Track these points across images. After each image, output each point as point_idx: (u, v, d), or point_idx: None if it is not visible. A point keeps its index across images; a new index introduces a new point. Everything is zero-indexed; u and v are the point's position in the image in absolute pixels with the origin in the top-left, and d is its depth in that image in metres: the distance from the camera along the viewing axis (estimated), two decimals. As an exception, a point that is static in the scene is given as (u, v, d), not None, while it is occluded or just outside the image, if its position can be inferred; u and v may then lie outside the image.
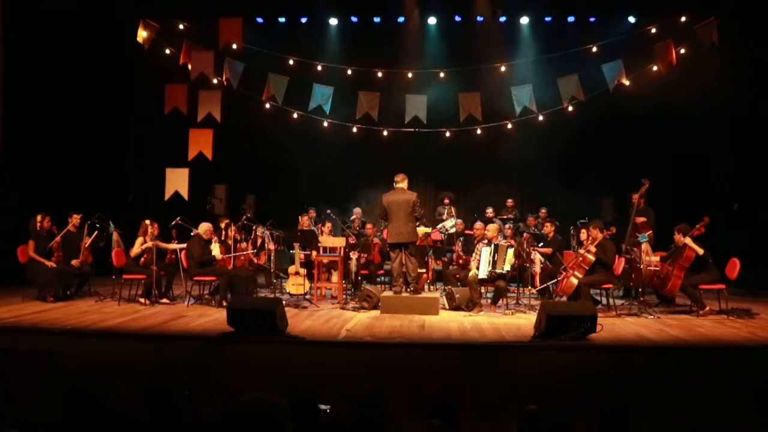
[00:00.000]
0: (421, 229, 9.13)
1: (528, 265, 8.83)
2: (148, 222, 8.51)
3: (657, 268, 8.05)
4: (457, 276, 9.06)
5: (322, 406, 3.04)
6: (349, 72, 11.35)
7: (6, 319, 7.12)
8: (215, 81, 10.93)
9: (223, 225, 9.22)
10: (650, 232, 8.48)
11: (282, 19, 11.44)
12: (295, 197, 11.34)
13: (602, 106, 10.95)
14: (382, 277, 10.11)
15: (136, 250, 8.39)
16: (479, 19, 11.33)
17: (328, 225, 9.72)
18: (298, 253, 8.82)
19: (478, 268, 8.20)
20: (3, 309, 7.73)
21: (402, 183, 8.27)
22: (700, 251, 7.67)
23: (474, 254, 8.43)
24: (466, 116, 11.22)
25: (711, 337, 6.61)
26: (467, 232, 9.93)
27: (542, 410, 2.67)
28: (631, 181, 9.16)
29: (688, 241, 7.73)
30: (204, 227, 8.63)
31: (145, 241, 8.42)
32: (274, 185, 11.76)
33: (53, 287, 8.45)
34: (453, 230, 10.12)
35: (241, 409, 1.78)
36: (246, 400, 1.79)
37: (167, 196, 10.89)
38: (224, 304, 7.90)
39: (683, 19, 10.46)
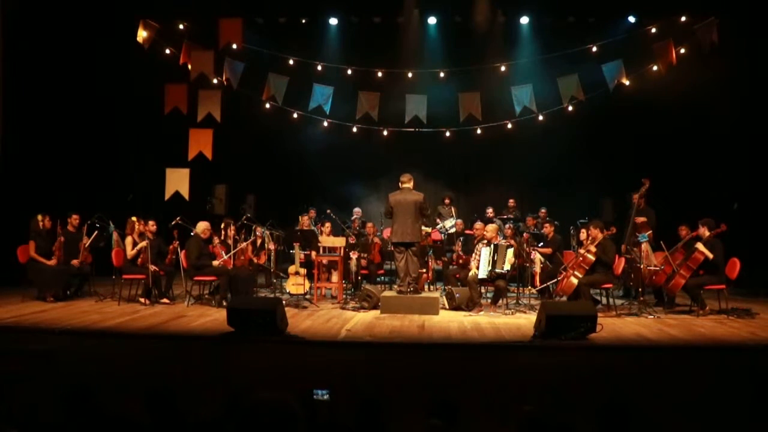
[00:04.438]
0: (422, 229, 9.14)
1: (528, 265, 8.83)
2: (134, 219, 8.52)
3: (657, 268, 8.05)
4: (457, 276, 9.06)
5: (320, 392, 3.02)
6: (349, 72, 11.35)
7: (6, 319, 7.12)
8: (215, 81, 10.92)
9: (222, 225, 9.23)
10: (650, 232, 8.48)
11: (282, 19, 11.43)
12: (295, 197, 11.33)
13: (602, 106, 10.95)
14: (382, 277, 10.11)
15: (130, 251, 8.38)
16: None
17: (328, 225, 9.72)
18: (298, 253, 8.82)
19: (477, 268, 8.20)
20: (3, 309, 7.73)
21: (408, 183, 8.31)
22: (710, 255, 7.68)
23: (474, 254, 8.43)
24: (466, 116, 11.23)
25: (711, 337, 6.61)
26: (467, 232, 9.94)
27: (540, 410, 2.67)
28: (631, 181, 9.16)
29: (699, 246, 7.75)
30: (201, 226, 8.64)
31: (134, 239, 8.42)
32: (274, 185, 11.75)
33: (53, 287, 8.45)
34: (453, 230, 10.12)
35: (254, 408, 1.77)
36: (259, 399, 1.78)
37: (167, 196, 10.89)
38: (224, 304, 7.90)
39: (683, 19, 10.47)
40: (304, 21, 11.52)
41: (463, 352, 6.23)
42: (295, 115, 11.48)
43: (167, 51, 10.86)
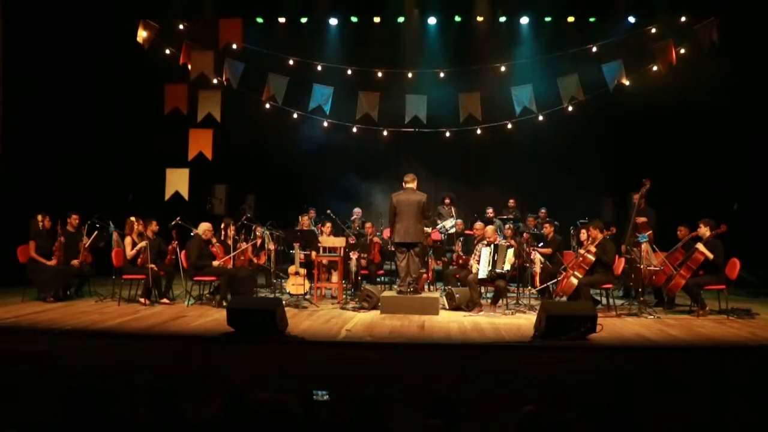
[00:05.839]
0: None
1: (528, 265, 8.83)
2: (133, 219, 8.52)
3: (657, 269, 8.05)
4: (457, 276, 9.06)
5: (320, 392, 3.02)
6: (349, 72, 11.35)
7: (6, 319, 7.12)
8: (215, 81, 10.92)
9: (222, 225, 9.24)
10: (650, 232, 8.49)
11: (282, 19, 11.43)
12: (295, 197, 11.33)
13: (602, 106, 10.95)
14: (382, 277, 10.10)
15: (129, 252, 8.38)
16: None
17: (328, 225, 9.72)
18: (298, 254, 8.82)
19: (478, 262, 8.20)
20: (3, 309, 7.73)
21: (412, 183, 8.30)
22: (710, 255, 7.68)
23: (473, 254, 8.44)
24: (466, 116, 11.23)
25: (711, 337, 6.61)
26: (467, 232, 9.93)
27: (540, 411, 2.67)
28: (631, 181, 9.16)
29: (700, 246, 7.76)
30: (203, 227, 8.63)
31: (133, 240, 8.42)
32: (274, 185, 11.75)
33: (53, 287, 8.45)
34: (453, 230, 10.12)
35: (254, 408, 1.78)
36: (259, 399, 1.79)
37: (167, 196, 10.89)
38: (224, 304, 7.90)
39: (683, 19, 10.47)
40: (304, 21, 11.52)
41: (463, 352, 6.23)
42: (295, 115, 11.48)
43: (167, 51, 10.86)
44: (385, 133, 11.69)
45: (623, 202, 10.01)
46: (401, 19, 11.52)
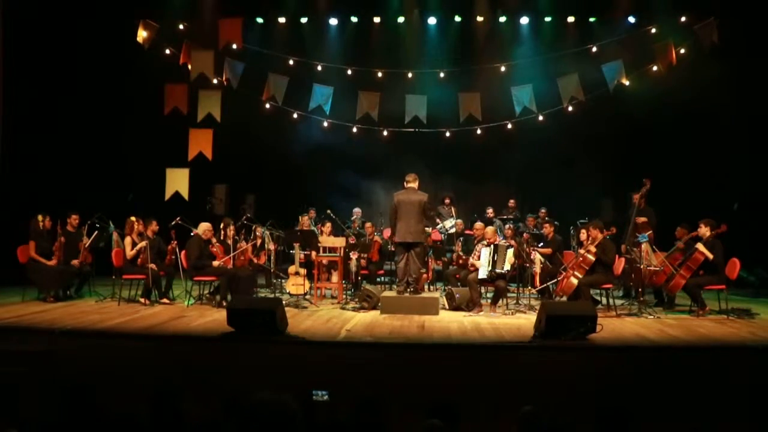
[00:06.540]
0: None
1: (528, 265, 8.83)
2: (133, 219, 8.52)
3: (657, 269, 8.05)
4: (457, 276, 9.06)
5: (320, 392, 3.03)
6: (349, 72, 11.35)
7: (6, 319, 7.12)
8: (215, 81, 10.93)
9: (222, 225, 9.24)
10: (650, 232, 8.49)
11: (282, 19, 11.44)
12: (295, 197, 11.33)
13: (602, 106, 10.95)
14: (382, 277, 10.10)
15: (129, 252, 8.37)
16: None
17: (328, 225, 9.71)
18: (298, 253, 8.81)
19: (478, 259, 8.21)
20: (3, 309, 7.73)
21: (413, 183, 8.31)
22: (710, 255, 7.68)
23: (473, 254, 8.45)
24: (466, 116, 11.23)
25: (711, 337, 6.61)
26: (467, 232, 9.94)
27: (540, 411, 2.67)
28: (631, 181, 9.15)
29: (700, 246, 7.76)
30: (203, 227, 8.63)
31: (133, 240, 8.42)
32: (274, 185, 11.75)
33: (53, 287, 8.45)
34: (453, 230, 10.13)
35: (254, 408, 1.78)
36: (259, 399, 1.79)
37: (167, 196, 10.89)
38: (224, 304, 7.90)
39: (683, 19, 10.48)
40: (304, 21, 11.52)
41: (463, 352, 6.23)
42: (295, 115, 11.48)
43: (167, 51, 10.87)
44: (385, 133, 11.68)
45: (623, 202, 10.00)
46: (401, 19, 11.52)
